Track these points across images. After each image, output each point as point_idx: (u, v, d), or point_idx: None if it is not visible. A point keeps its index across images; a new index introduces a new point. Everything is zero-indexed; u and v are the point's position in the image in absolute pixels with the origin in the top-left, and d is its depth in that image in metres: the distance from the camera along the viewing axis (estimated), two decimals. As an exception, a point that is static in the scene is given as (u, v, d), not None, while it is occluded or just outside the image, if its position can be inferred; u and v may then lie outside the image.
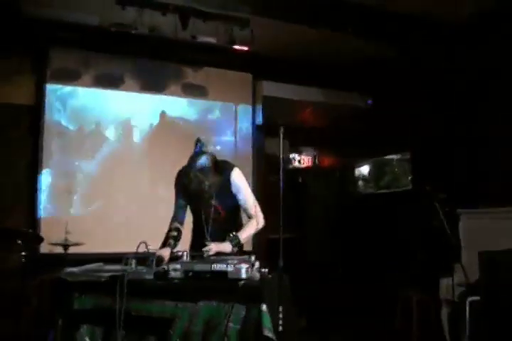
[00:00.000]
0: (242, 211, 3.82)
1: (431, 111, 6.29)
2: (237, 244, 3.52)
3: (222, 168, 3.59)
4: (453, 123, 6.03)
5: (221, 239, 3.54)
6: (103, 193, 6.49)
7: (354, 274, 6.78)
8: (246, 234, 3.63)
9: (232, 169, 3.71)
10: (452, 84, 6.10)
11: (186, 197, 3.70)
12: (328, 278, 6.96)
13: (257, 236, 3.83)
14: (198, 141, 3.57)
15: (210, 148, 3.73)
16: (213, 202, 3.62)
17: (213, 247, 3.39)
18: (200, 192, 3.46)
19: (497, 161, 5.53)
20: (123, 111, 6.73)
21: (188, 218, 3.81)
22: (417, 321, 5.06)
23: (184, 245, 3.62)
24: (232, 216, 3.82)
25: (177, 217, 3.72)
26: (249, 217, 3.75)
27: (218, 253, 3.38)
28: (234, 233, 3.55)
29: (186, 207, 3.78)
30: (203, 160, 3.45)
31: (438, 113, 6.20)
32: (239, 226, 3.81)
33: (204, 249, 3.35)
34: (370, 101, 7.44)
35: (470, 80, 5.91)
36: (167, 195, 4.03)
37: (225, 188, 3.64)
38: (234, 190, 3.68)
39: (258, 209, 3.75)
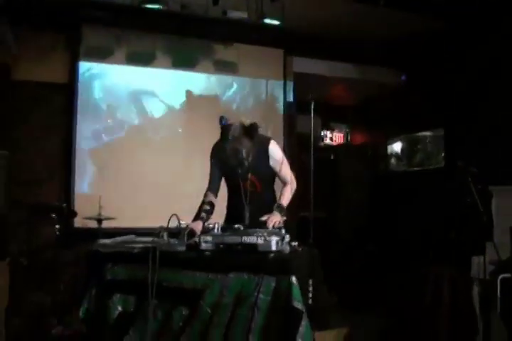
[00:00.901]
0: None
1: (465, 87, 6.18)
2: (284, 213, 3.55)
3: (256, 137, 3.58)
4: (485, 99, 5.92)
5: (258, 211, 3.57)
6: (135, 169, 6.53)
7: (385, 252, 6.75)
8: (286, 201, 3.68)
9: (268, 140, 3.73)
10: (490, 59, 5.97)
11: (222, 170, 3.73)
12: (358, 257, 6.95)
13: (288, 213, 3.84)
14: (222, 117, 3.58)
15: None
16: (250, 175, 3.64)
17: (272, 218, 3.42)
18: (238, 161, 3.48)
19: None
20: (155, 88, 6.75)
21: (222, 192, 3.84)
22: (447, 298, 5.01)
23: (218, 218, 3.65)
24: (268, 188, 3.84)
25: (212, 190, 3.74)
26: (284, 184, 3.78)
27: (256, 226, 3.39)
28: (279, 203, 3.60)
29: (221, 179, 3.81)
30: (234, 130, 3.46)
31: (472, 88, 6.08)
32: (274, 197, 3.84)
33: (262, 219, 3.40)
34: (404, 77, 7.31)
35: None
36: (198, 170, 4.04)
37: (262, 160, 3.65)
38: (272, 161, 3.70)
39: (291, 174, 3.79)
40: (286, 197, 3.71)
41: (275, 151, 3.73)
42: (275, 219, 3.44)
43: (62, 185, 6.26)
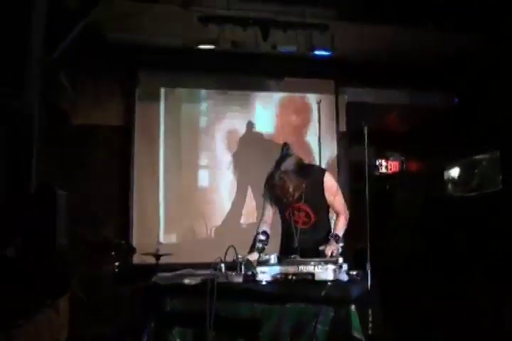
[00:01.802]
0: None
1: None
2: (341, 242, 3.55)
3: (309, 171, 3.62)
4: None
5: (314, 241, 3.57)
6: (190, 205, 6.62)
7: (445, 281, 6.53)
8: (341, 231, 3.70)
9: (324, 172, 3.79)
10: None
11: (273, 200, 3.76)
12: (418, 286, 6.75)
13: (345, 244, 3.82)
14: (285, 144, 3.64)
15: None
16: (302, 205, 3.64)
17: (330, 247, 3.43)
18: (284, 194, 3.50)
19: None
20: (211, 125, 6.89)
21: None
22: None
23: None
24: (323, 218, 3.84)
25: (265, 220, 3.79)
26: (338, 214, 3.81)
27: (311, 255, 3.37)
28: (335, 233, 3.63)
29: (274, 209, 3.84)
30: (288, 163, 3.50)
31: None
32: (329, 227, 3.85)
33: (320, 248, 3.43)
34: (456, 100, 7.21)
35: None
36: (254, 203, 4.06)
37: (317, 191, 3.67)
38: (326, 193, 3.72)
39: (344, 203, 3.84)
40: (340, 227, 3.73)
41: (330, 183, 3.76)
42: (333, 248, 3.42)
43: (122, 223, 6.38)
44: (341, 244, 3.58)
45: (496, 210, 6.03)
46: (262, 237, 3.59)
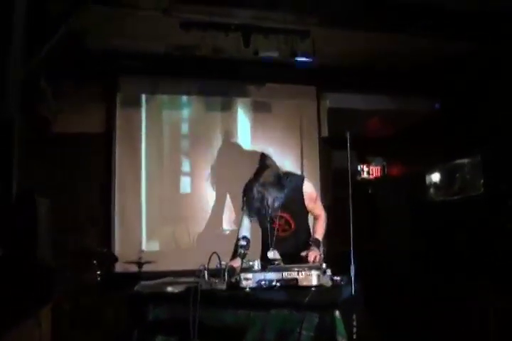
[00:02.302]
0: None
1: (500, 111, 6.08)
2: (321, 247, 3.57)
3: (288, 181, 3.62)
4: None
5: (295, 248, 3.57)
6: (172, 213, 6.58)
7: (430, 285, 6.56)
8: (321, 235, 3.75)
9: (303, 180, 3.83)
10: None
11: (252, 210, 3.76)
12: (404, 290, 6.77)
13: (329, 249, 3.85)
14: (263, 155, 3.64)
15: (275, 163, 3.77)
16: (283, 214, 3.65)
17: (313, 253, 3.44)
18: (263, 207, 3.52)
19: None
20: (191, 131, 6.87)
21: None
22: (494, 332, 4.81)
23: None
24: (303, 225, 3.86)
25: (244, 227, 3.79)
26: (316, 218, 3.87)
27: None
28: (315, 237, 3.67)
29: (252, 218, 3.85)
30: (266, 175, 3.51)
31: (507, 111, 5.99)
32: (309, 234, 3.86)
33: (302, 254, 3.44)
34: (437, 105, 7.26)
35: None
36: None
37: (296, 199, 3.69)
38: (307, 200, 3.76)
39: (321, 207, 3.91)
40: (320, 231, 3.78)
41: (309, 190, 3.81)
42: (315, 253, 3.42)
43: (103, 231, 6.33)
44: (322, 249, 3.60)
45: (478, 214, 6.08)
46: (243, 242, 3.58)
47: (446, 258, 6.47)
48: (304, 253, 3.45)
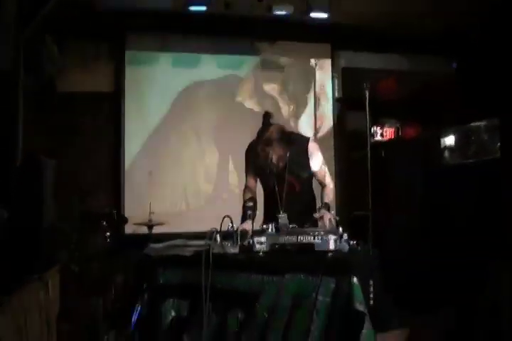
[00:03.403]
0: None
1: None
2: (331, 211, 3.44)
3: (293, 140, 3.49)
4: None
5: (298, 212, 3.45)
6: (184, 173, 6.51)
7: (442, 249, 6.48)
8: (331, 201, 3.59)
9: (308, 140, 3.66)
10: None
11: (256, 170, 3.66)
12: (414, 254, 6.71)
13: (341, 213, 3.72)
14: (266, 113, 3.49)
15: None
16: (286, 175, 3.52)
17: (326, 215, 3.27)
18: (267, 165, 3.39)
19: None
20: (201, 90, 6.69)
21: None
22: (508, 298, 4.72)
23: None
24: (307, 188, 3.75)
25: (249, 188, 3.71)
26: (322, 186, 3.71)
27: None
28: (325, 201, 3.51)
29: (256, 179, 3.75)
30: (270, 132, 3.36)
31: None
32: (312, 198, 3.76)
33: (315, 216, 3.28)
34: (454, 65, 7.03)
35: None
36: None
37: (301, 160, 3.56)
38: (311, 162, 3.61)
39: (328, 175, 3.73)
40: (329, 197, 3.63)
41: (314, 151, 3.64)
42: (328, 216, 3.30)
43: (113, 192, 6.26)
44: (332, 212, 3.47)
45: (494, 178, 5.94)
46: (249, 203, 3.46)
47: (459, 222, 6.37)
48: (317, 215, 3.30)
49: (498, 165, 6.00)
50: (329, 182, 3.70)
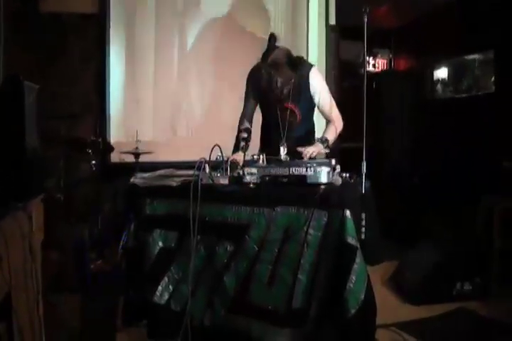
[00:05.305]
0: (319, 113, 3.59)
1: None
2: (328, 148, 3.31)
3: (298, 65, 3.31)
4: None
5: (296, 143, 3.33)
6: (172, 100, 6.30)
7: (432, 183, 6.49)
8: (332, 138, 3.42)
9: (310, 67, 3.45)
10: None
11: (257, 96, 3.49)
12: (405, 188, 6.73)
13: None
14: (272, 35, 3.30)
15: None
16: (289, 103, 3.37)
17: (311, 148, 3.17)
18: (272, 89, 3.22)
19: None
20: (192, 10, 6.34)
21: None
22: (498, 232, 4.77)
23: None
24: (308, 119, 3.59)
25: (246, 117, 3.54)
26: (328, 121, 3.52)
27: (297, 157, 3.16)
28: (324, 136, 3.36)
29: (256, 106, 3.58)
30: (276, 54, 3.19)
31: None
32: (312, 131, 3.62)
33: (299, 149, 3.15)
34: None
35: None
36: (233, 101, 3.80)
37: (303, 88, 3.39)
38: (312, 90, 3.43)
39: (337, 112, 3.53)
40: (331, 134, 3.44)
41: (316, 79, 3.45)
42: (313, 149, 3.18)
43: (98, 119, 6.09)
44: (327, 150, 3.35)
45: (488, 113, 5.84)
46: (244, 134, 3.34)
47: (451, 157, 6.34)
48: (300, 149, 3.17)
49: (492, 100, 5.90)
50: (337, 119, 3.51)
